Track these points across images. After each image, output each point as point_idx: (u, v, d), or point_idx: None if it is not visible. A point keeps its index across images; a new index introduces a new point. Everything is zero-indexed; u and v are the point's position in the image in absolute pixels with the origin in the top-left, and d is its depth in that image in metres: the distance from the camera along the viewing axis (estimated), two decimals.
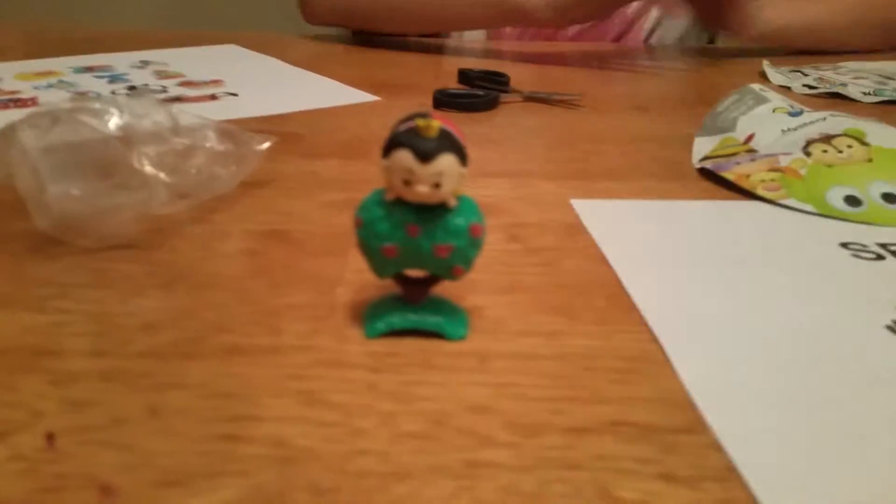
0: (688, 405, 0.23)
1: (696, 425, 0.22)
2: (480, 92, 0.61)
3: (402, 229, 0.24)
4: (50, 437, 0.20)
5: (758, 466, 0.20)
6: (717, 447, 0.21)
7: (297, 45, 0.82)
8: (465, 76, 0.68)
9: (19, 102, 0.54)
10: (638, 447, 0.21)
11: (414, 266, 0.25)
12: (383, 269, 0.25)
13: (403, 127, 0.23)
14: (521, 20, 0.76)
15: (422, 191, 0.23)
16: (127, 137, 0.33)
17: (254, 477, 0.19)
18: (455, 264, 0.24)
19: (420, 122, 0.22)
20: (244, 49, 0.77)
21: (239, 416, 0.21)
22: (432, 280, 0.26)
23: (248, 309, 0.27)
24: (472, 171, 0.25)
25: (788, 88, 0.70)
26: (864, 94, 0.67)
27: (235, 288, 0.29)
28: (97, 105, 0.33)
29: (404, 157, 0.22)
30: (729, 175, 0.43)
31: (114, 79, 0.63)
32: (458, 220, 0.24)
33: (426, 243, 0.24)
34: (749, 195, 0.41)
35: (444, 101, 0.59)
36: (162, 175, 0.33)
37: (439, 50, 0.85)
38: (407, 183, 0.23)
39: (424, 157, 0.22)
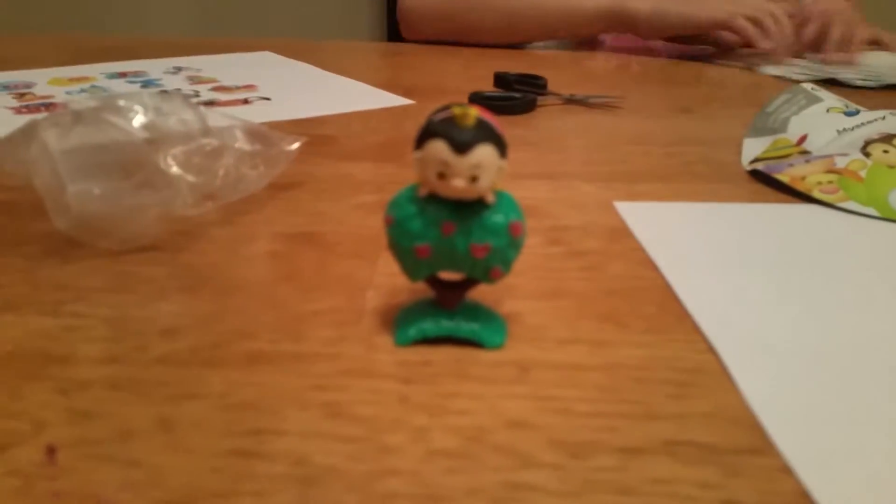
0: (752, 423, 0.20)
1: (762, 446, 0.19)
2: (517, 94, 0.59)
3: (437, 227, 0.22)
4: (50, 451, 0.19)
5: (833, 493, 0.17)
6: (786, 470, 0.18)
7: (331, 51, 0.82)
8: (501, 79, 0.66)
9: (50, 107, 0.54)
10: (698, 470, 0.18)
11: (448, 268, 0.23)
12: (416, 270, 0.23)
13: (439, 116, 0.21)
14: (626, 29, 0.87)
15: (458, 185, 0.21)
16: (152, 137, 0.32)
17: (270, 498, 0.17)
18: (493, 265, 0.22)
19: (457, 111, 0.21)
20: (278, 55, 0.77)
21: (258, 429, 0.20)
22: (468, 283, 0.24)
23: (274, 314, 0.25)
24: (508, 173, 0.23)
25: (782, 77, 0.72)
26: (862, 80, 0.69)
27: (261, 292, 0.27)
28: (122, 103, 0.32)
29: (439, 148, 0.20)
30: (783, 177, 0.40)
31: (146, 84, 0.62)
32: (497, 218, 0.22)
33: (462, 243, 0.22)
34: (805, 198, 0.39)
35: (479, 103, 0.57)
36: (188, 176, 0.32)
37: (475, 55, 0.84)
38: (442, 176, 0.21)
39: (461, 148, 0.20)
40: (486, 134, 0.21)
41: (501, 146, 0.21)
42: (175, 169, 0.32)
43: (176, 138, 0.33)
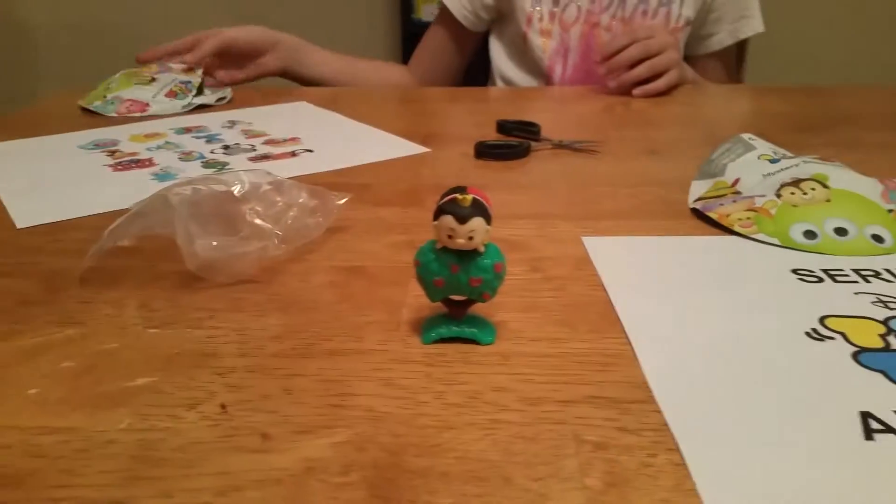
0: (645, 386, 0.33)
1: (647, 398, 0.32)
2: (515, 142, 0.72)
3: (448, 268, 0.35)
4: (223, 406, 0.32)
5: (683, 423, 0.30)
6: (658, 412, 0.31)
7: (355, 99, 0.95)
8: (502, 127, 0.80)
9: (140, 163, 0.68)
10: (605, 411, 0.31)
11: (456, 293, 0.36)
12: (434, 295, 0.36)
13: (447, 199, 0.34)
14: None
15: (460, 242, 0.34)
16: (243, 199, 0.45)
17: (355, 428, 0.30)
18: (484, 291, 0.35)
19: (458, 197, 0.34)
20: (312, 106, 0.91)
21: (342, 393, 0.33)
22: (469, 302, 0.37)
23: (341, 324, 0.39)
24: (505, 214, 0.36)
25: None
26: None
27: (330, 309, 0.40)
28: (224, 177, 0.45)
29: (448, 219, 0.33)
30: (713, 214, 0.53)
31: (210, 139, 0.76)
32: (486, 262, 0.35)
33: (464, 277, 0.35)
34: (728, 231, 0.51)
35: (483, 151, 0.70)
36: (273, 228, 0.45)
37: (479, 99, 0.97)
38: (450, 237, 0.34)
39: (462, 220, 0.33)
40: (478, 210, 0.34)
41: (488, 217, 0.34)
42: (264, 224, 0.45)
43: (261, 200, 0.46)
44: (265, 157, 0.69)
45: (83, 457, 0.29)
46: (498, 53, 1.15)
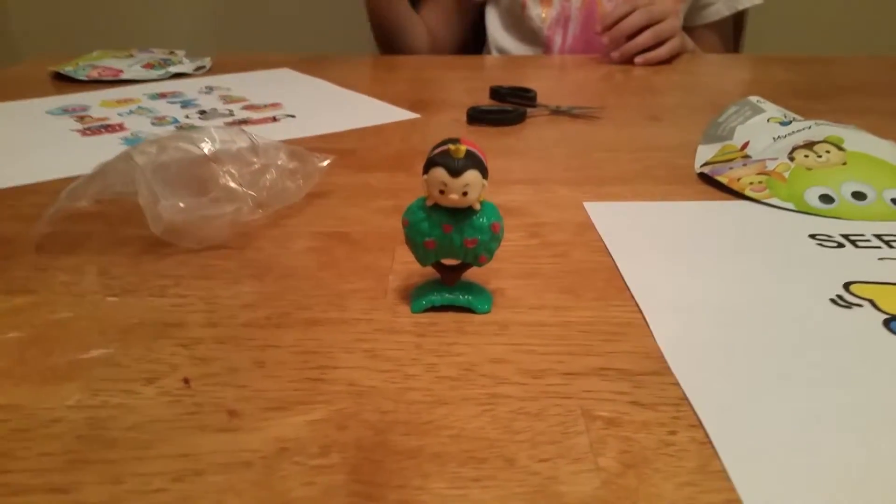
0: (658, 356, 0.30)
1: (662, 369, 0.29)
2: (509, 108, 0.69)
3: (439, 228, 0.31)
4: (186, 380, 0.28)
5: (704, 394, 0.27)
6: (676, 384, 0.28)
7: (341, 66, 0.91)
8: (496, 93, 0.76)
9: (108, 128, 0.64)
10: (616, 384, 0.28)
11: (448, 256, 0.32)
12: (425, 258, 0.32)
13: (438, 150, 0.30)
14: None
15: (453, 198, 0.30)
16: (218, 160, 0.42)
17: (336, 404, 0.27)
18: (480, 254, 0.32)
19: (451, 147, 0.30)
20: (296, 72, 0.86)
21: (321, 365, 0.29)
22: (463, 267, 0.33)
23: (321, 292, 0.35)
24: (500, 180, 0.32)
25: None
26: None
27: (310, 277, 0.37)
28: (195, 134, 0.42)
29: (439, 172, 0.30)
30: (723, 178, 0.50)
31: (185, 104, 0.72)
32: (482, 220, 0.31)
33: (458, 238, 0.31)
34: (739, 196, 0.48)
35: (476, 117, 0.67)
36: (247, 190, 0.41)
37: (473, 66, 0.93)
38: (442, 192, 0.30)
39: (455, 173, 0.30)
40: (473, 162, 0.30)
41: (484, 170, 0.31)
42: (237, 185, 0.41)
43: (233, 160, 0.42)
44: (244, 122, 0.65)
45: (22, 437, 0.25)
46: (494, 24, 1.11)
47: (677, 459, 0.24)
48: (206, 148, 0.42)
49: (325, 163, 0.46)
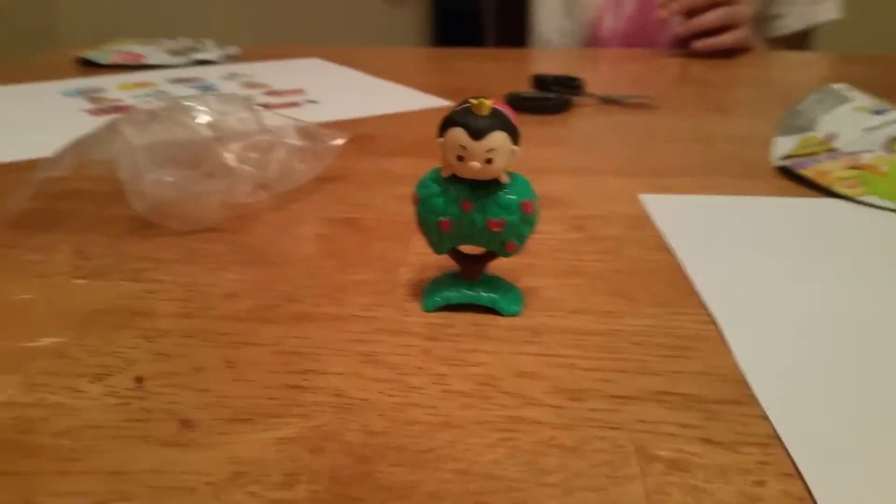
0: (739, 380, 0.23)
1: (744, 397, 0.22)
2: (552, 95, 0.62)
3: (457, 205, 0.25)
4: (139, 380, 0.23)
5: (802, 436, 0.20)
6: (763, 417, 0.21)
7: (378, 57, 0.86)
8: (540, 81, 0.69)
9: (119, 109, 0.60)
10: (681, 414, 0.21)
11: (468, 241, 0.26)
12: (440, 244, 0.26)
13: (458, 107, 0.24)
14: None
15: (474, 166, 0.24)
16: (215, 133, 0.36)
17: (314, 419, 0.21)
18: (508, 240, 0.26)
19: (473, 101, 0.24)
20: (326, 62, 0.81)
21: (304, 369, 0.23)
22: (488, 257, 0.27)
23: (318, 283, 0.29)
24: (537, 168, 0.26)
25: None
26: None
27: (307, 266, 0.31)
28: (189, 104, 0.36)
29: (458, 134, 0.24)
30: (808, 172, 0.42)
31: (204, 88, 0.68)
32: (511, 196, 0.25)
33: (480, 218, 0.25)
34: (827, 192, 0.40)
35: (514, 103, 0.60)
36: (246, 167, 0.36)
37: (516, 59, 0.87)
38: (460, 159, 0.24)
39: (477, 133, 0.23)
40: (500, 122, 0.24)
41: (514, 133, 0.24)
42: (234, 161, 0.36)
43: (235, 135, 0.37)
44: (263, 106, 0.60)
45: None
46: (539, 7, 1.04)
47: None
48: (203, 119, 0.36)
49: (339, 142, 0.41)
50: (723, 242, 0.34)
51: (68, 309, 0.27)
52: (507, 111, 0.25)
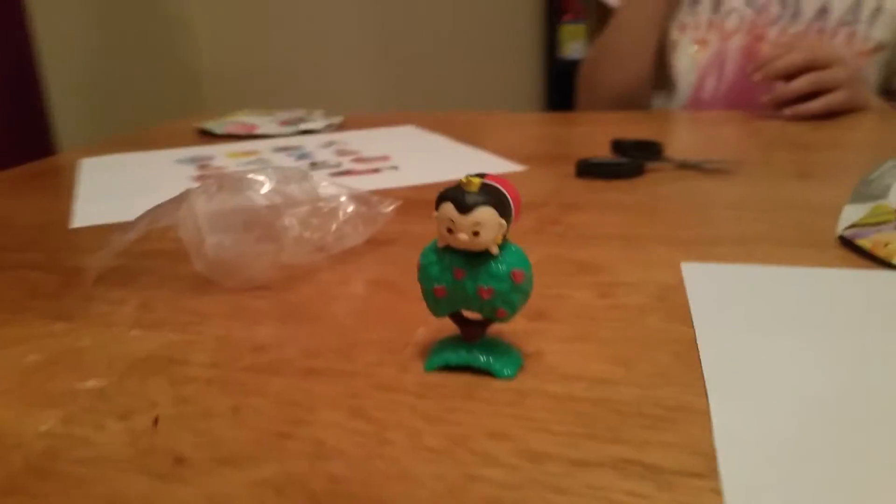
0: (708, 454, 0.23)
1: (705, 471, 0.22)
2: (624, 160, 0.63)
3: (450, 272, 0.27)
4: (155, 421, 0.26)
5: None
6: (717, 492, 0.21)
7: (468, 121, 0.90)
8: (618, 146, 0.70)
9: None
10: (634, 483, 0.21)
11: (463, 306, 0.28)
12: (437, 308, 0.28)
13: (453, 185, 0.27)
14: None
15: (462, 238, 0.26)
16: (273, 202, 0.40)
17: (288, 463, 0.23)
18: (498, 306, 0.27)
19: (463, 179, 0.26)
20: (418, 129, 0.86)
21: (296, 419, 0.26)
22: (486, 321, 0.28)
23: (336, 340, 0.32)
24: (588, 234, 0.27)
25: None
26: None
27: (332, 323, 0.34)
28: (251, 176, 0.41)
29: (447, 208, 0.26)
30: (865, 242, 0.40)
31: (301, 157, 0.74)
32: (500, 266, 0.27)
33: (471, 286, 0.27)
34: (884, 265, 0.38)
35: (586, 169, 0.61)
36: (299, 231, 0.40)
37: (605, 122, 0.88)
38: (450, 231, 0.26)
39: (463, 209, 0.25)
40: (488, 198, 0.26)
41: (503, 207, 0.26)
42: (288, 226, 0.40)
43: (291, 202, 0.41)
44: (347, 172, 0.65)
45: None
46: None
47: None
48: (263, 189, 0.41)
49: (390, 208, 0.44)
50: (748, 315, 0.33)
51: (119, 355, 0.31)
52: (505, 187, 0.26)
